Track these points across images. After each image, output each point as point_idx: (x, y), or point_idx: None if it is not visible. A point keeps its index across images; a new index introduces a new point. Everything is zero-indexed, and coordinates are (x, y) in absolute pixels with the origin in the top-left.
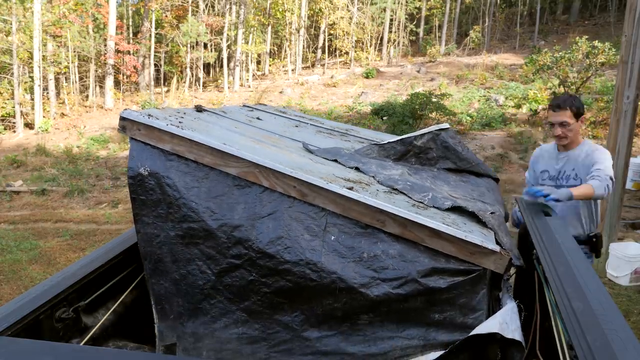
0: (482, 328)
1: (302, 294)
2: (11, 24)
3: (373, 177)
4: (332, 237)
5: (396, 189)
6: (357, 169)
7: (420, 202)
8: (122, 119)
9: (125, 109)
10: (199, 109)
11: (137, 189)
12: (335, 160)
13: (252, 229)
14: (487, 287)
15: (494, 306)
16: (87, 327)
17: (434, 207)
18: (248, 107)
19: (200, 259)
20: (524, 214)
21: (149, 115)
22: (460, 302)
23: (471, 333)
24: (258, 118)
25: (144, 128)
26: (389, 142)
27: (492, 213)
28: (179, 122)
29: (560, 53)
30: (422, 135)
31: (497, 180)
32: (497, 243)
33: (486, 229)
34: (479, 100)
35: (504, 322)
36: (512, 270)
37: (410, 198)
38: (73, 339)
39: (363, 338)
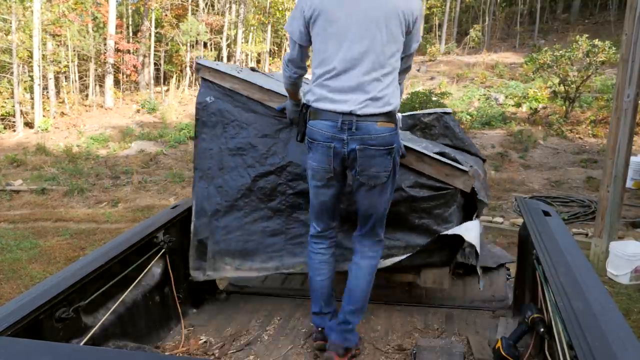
0: (449, 231)
1: None
2: (11, 23)
3: None
4: None
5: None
6: None
7: (416, 147)
8: (197, 64)
9: (200, 58)
10: (253, 69)
11: (201, 113)
12: None
13: (285, 145)
14: (457, 204)
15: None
16: (87, 327)
17: (420, 150)
18: None
19: (242, 167)
20: (523, 214)
21: (217, 63)
22: (436, 212)
23: (441, 233)
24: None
25: (212, 71)
26: (402, 115)
27: (471, 166)
28: (237, 71)
29: (560, 52)
30: (429, 114)
31: (484, 160)
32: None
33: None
34: (479, 99)
35: (466, 229)
36: (511, 272)
37: (410, 146)
38: (73, 339)
39: None
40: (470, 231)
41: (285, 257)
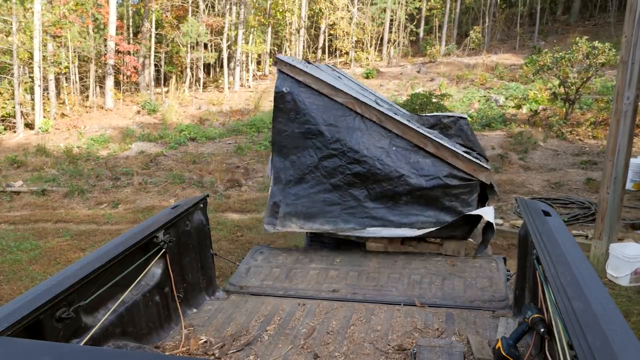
0: (473, 212)
1: (369, 178)
2: (11, 24)
3: (419, 127)
4: (394, 148)
5: (434, 136)
6: (408, 121)
7: (448, 144)
8: (277, 59)
9: (280, 54)
10: (308, 61)
11: (278, 101)
12: (395, 114)
13: (347, 134)
14: (478, 193)
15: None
16: (87, 327)
17: (454, 149)
18: (330, 67)
19: (311, 148)
20: (524, 214)
21: (292, 59)
22: (462, 197)
23: (466, 213)
24: (339, 77)
25: (289, 65)
26: (425, 115)
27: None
28: (306, 66)
29: (560, 53)
30: (448, 116)
31: (487, 159)
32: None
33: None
34: (479, 101)
35: (484, 212)
36: (512, 272)
37: (441, 140)
38: (73, 339)
39: (400, 212)
40: (488, 214)
41: (340, 222)
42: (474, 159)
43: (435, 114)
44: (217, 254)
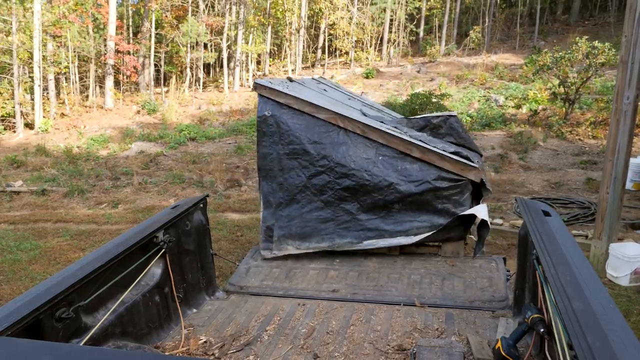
0: (465, 212)
1: (359, 190)
2: (11, 24)
3: (405, 132)
4: (380, 157)
5: (420, 140)
6: (395, 127)
7: (434, 147)
8: (255, 83)
9: (257, 78)
10: (290, 79)
11: (261, 125)
12: (382, 122)
13: (332, 150)
14: (470, 192)
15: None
16: (87, 327)
17: (442, 150)
18: (316, 79)
19: (298, 168)
20: (524, 214)
21: (271, 82)
22: (454, 198)
23: (459, 214)
24: (325, 90)
25: (269, 89)
26: (414, 118)
27: (477, 161)
28: (286, 87)
29: (560, 53)
30: (438, 116)
31: (481, 155)
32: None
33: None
34: (479, 101)
35: (477, 211)
36: (512, 272)
37: (428, 144)
38: (73, 339)
39: (394, 220)
40: (480, 212)
41: (336, 238)
42: (460, 159)
43: (424, 115)
44: (217, 254)
